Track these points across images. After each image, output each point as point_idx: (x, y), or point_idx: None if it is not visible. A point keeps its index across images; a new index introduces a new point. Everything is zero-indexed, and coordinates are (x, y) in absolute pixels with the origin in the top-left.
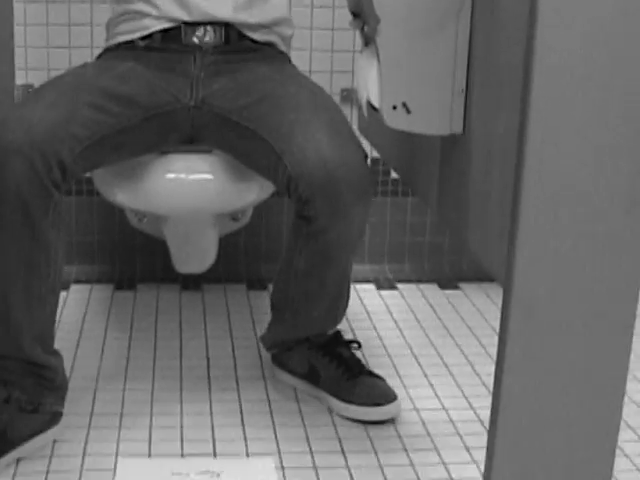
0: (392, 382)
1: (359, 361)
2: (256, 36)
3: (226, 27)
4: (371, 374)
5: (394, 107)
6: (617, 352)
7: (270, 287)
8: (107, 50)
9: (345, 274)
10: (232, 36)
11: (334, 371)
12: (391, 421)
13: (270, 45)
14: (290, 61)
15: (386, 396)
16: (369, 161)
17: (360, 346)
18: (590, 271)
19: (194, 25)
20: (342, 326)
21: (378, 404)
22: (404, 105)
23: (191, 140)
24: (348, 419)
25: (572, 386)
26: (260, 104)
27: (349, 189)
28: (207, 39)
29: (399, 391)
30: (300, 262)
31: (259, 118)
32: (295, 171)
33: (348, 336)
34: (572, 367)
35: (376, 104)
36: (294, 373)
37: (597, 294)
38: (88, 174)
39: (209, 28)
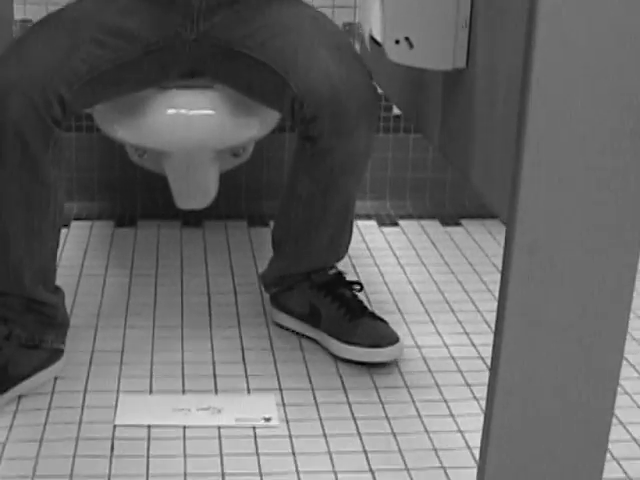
0: (393, 318)
1: (361, 302)
2: None
3: None
4: (373, 316)
5: (397, 41)
6: (620, 288)
7: (271, 224)
8: None
9: (349, 203)
10: None
11: (335, 312)
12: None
13: None
14: None
15: (388, 338)
16: (374, 83)
17: (362, 288)
18: (594, 207)
19: None
20: (343, 263)
21: (380, 345)
22: (407, 39)
23: (192, 74)
24: (349, 361)
25: (574, 323)
26: (261, 31)
27: (355, 106)
28: None
29: (400, 327)
30: (304, 187)
31: (261, 45)
32: (300, 90)
33: (349, 273)
34: (575, 304)
35: (379, 38)
36: (294, 314)
37: (601, 230)
38: (88, 110)
39: None
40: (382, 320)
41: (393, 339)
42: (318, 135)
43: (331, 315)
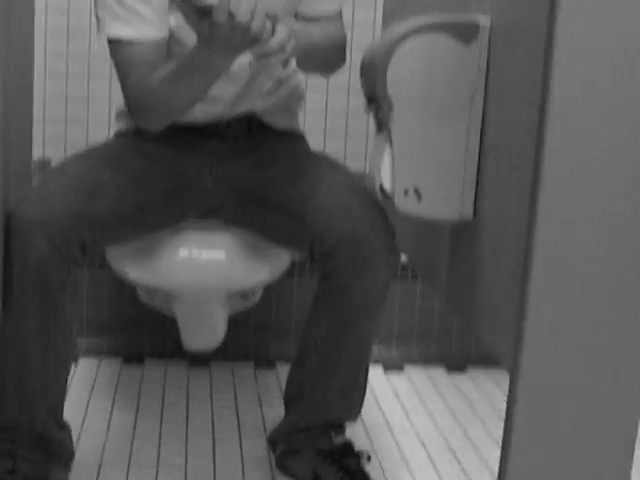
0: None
1: (367, 477)
2: (277, 122)
3: (249, 118)
4: None
5: (406, 192)
6: (623, 438)
7: (278, 366)
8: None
9: (363, 353)
10: (254, 126)
11: None
12: None
13: (290, 131)
14: (305, 140)
15: None
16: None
17: (370, 459)
18: (598, 360)
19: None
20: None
21: None
22: (416, 191)
23: (207, 215)
24: None
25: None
26: (279, 177)
27: (375, 242)
28: (229, 127)
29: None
30: (320, 331)
31: (279, 188)
32: (318, 225)
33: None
34: (577, 449)
35: (388, 188)
36: (297, 478)
37: (601, 388)
38: None
39: (232, 120)
40: None
41: None
42: (336, 271)
43: None
